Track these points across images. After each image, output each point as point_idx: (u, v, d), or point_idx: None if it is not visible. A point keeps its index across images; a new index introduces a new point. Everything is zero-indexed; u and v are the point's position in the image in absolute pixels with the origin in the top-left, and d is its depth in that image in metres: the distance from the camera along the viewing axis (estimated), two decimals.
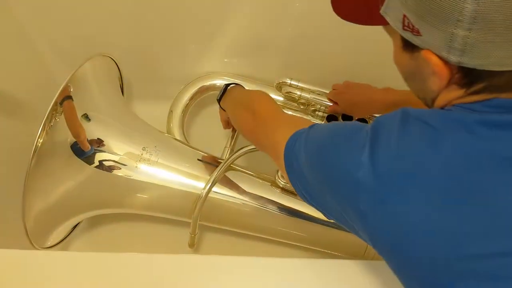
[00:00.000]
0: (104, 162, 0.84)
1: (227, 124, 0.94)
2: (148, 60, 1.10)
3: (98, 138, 0.84)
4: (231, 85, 0.90)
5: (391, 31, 0.51)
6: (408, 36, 0.46)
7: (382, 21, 0.49)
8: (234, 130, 1.03)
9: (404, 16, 0.45)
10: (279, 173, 0.91)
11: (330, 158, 0.50)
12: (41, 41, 1.04)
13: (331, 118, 0.96)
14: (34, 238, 0.83)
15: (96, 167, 0.84)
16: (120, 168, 0.85)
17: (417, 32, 0.45)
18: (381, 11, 0.49)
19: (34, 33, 1.02)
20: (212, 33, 1.04)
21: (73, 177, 0.84)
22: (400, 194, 0.44)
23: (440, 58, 0.44)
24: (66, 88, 0.82)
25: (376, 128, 0.48)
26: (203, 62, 1.09)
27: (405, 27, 0.46)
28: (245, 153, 0.91)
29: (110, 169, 0.85)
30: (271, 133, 0.64)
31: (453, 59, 0.43)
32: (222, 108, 0.89)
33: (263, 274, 0.65)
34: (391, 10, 0.47)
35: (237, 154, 0.89)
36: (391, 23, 0.48)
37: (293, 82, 0.98)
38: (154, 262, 0.67)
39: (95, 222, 1.04)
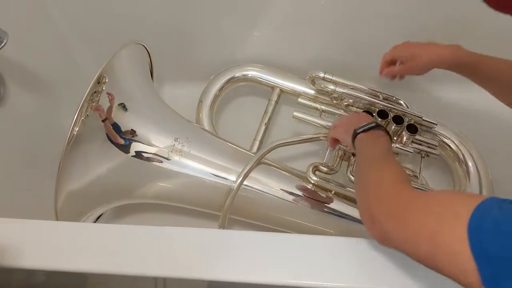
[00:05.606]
0: (137, 152, 0.84)
1: (334, 143, 0.87)
2: (180, 42, 1.09)
3: (131, 129, 0.83)
4: (376, 129, 0.75)
5: None
6: None
7: None
8: (264, 125, 1.02)
9: None
10: (310, 169, 0.90)
11: None
12: (63, 22, 1.04)
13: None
14: None
15: (130, 156, 0.83)
16: (153, 158, 0.85)
17: None
18: None
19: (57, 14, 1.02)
20: (249, 20, 1.03)
21: (105, 165, 0.84)
22: None
23: None
24: (100, 77, 0.81)
25: None
26: (237, 48, 1.08)
27: None
28: (277, 147, 0.90)
29: (143, 158, 0.84)
30: (423, 222, 0.49)
31: None
32: (353, 143, 0.76)
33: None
34: None
35: (269, 147, 0.89)
36: None
37: (326, 76, 0.96)
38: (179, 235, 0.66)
39: (117, 216, 1.04)
